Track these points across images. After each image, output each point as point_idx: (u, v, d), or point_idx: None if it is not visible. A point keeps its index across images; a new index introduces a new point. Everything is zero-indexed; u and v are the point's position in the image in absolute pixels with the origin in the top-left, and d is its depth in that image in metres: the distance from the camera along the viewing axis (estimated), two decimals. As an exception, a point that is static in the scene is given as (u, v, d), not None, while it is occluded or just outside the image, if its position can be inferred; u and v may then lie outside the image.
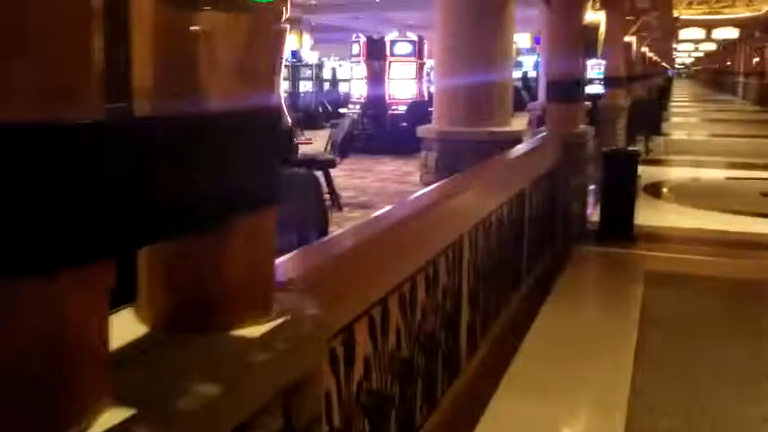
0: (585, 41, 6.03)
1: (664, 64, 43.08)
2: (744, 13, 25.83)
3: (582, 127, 6.27)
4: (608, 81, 11.34)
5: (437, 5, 5.37)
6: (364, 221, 2.60)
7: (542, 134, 6.09)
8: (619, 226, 6.09)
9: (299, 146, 8.24)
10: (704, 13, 26.80)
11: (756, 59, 28.61)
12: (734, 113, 23.65)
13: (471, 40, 5.24)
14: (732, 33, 29.83)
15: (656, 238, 6.20)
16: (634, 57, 11.81)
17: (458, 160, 5.18)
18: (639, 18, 11.04)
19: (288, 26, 1.33)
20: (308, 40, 25.97)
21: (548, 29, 6.22)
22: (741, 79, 33.72)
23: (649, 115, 14.35)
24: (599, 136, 11.66)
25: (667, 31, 23.13)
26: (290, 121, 7.18)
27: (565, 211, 5.99)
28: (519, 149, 5.27)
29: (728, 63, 40.25)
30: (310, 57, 19.42)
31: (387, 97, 12.57)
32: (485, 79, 5.34)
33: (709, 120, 21.36)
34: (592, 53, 6.11)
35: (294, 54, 20.95)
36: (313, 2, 22.69)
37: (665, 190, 8.67)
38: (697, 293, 4.70)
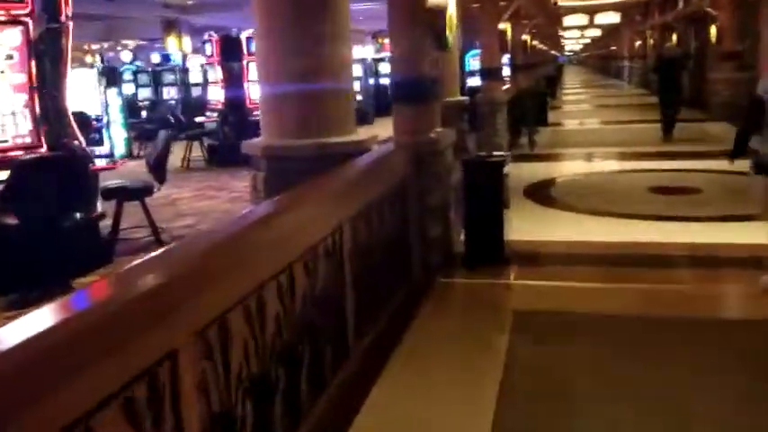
0: (432, 29, 4.96)
1: (553, 52, 43.66)
2: (623, -3, 26.06)
3: (438, 131, 5.20)
4: (484, 73, 10.48)
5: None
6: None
7: (387, 144, 4.98)
8: (487, 247, 5.07)
9: (124, 167, 6.82)
10: None
11: (638, 43, 29.05)
12: (621, 98, 23.73)
13: (290, 39, 4.11)
14: (614, 18, 30.19)
15: (530, 258, 5.21)
16: (512, 45, 10.97)
17: (289, 180, 4.05)
18: (512, 2, 10.22)
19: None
20: (188, 43, 24.12)
21: (388, 18, 5.11)
22: (626, 63, 34.36)
23: (535, 107, 13.70)
24: (478, 134, 10.84)
25: (551, 18, 22.87)
26: (82, 142, 5.76)
27: (421, 236, 4.91)
28: (357, 164, 4.17)
29: (613, 48, 41.16)
30: (179, 59, 17.75)
31: (247, 102, 11.23)
32: (315, 86, 4.22)
33: (598, 106, 21.22)
34: (440, 43, 5.04)
35: (167, 58, 19.19)
36: (189, 2, 20.99)
37: (546, 192, 7.80)
38: (575, 341, 3.69)
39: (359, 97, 17.71)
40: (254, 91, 11.24)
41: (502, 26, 10.39)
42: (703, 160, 9.24)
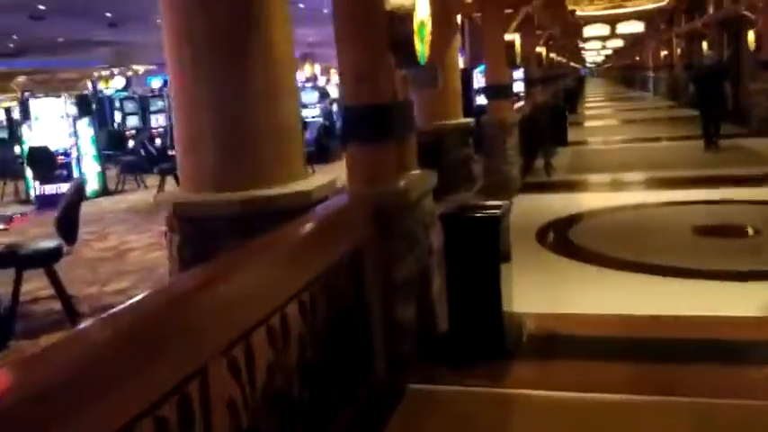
0: (396, 40, 3.63)
1: (573, 64, 42.17)
2: (647, 4, 24.58)
3: (411, 175, 3.85)
4: (489, 91, 9.13)
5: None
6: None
7: (340, 196, 3.63)
8: (479, 333, 3.69)
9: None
10: (606, 8, 25.48)
11: (664, 53, 27.47)
12: (648, 111, 22.15)
13: (208, 64, 2.98)
14: (637, 27, 28.66)
15: (540, 347, 3.81)
16: (524, 58, 9.58)
17: (209, 246, 2.99)
18: (519, 10, 8.88)
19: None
20: None
21: (335, 29, 3.79)
22: (651, 74, 32.76)
23: (552, 125, 12.30)
24: (486, 160, 9.48)
25: (568, 28, 21.50)
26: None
27: (386, 319, 3.54)
28: (296, 226, 2.93)
29: (637, 58, 39.54)
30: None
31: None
32: (243, 121, 3.06)
33: (624, 121, 19.70)
34: (407, 58, 3.69)
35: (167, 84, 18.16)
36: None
37: (563, 234, 6.38)
38: None
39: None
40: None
41: (509, 37, 9.05)
42: (754, 187, 7.77)
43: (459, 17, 9.12)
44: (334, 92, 17.50)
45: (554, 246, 5.89)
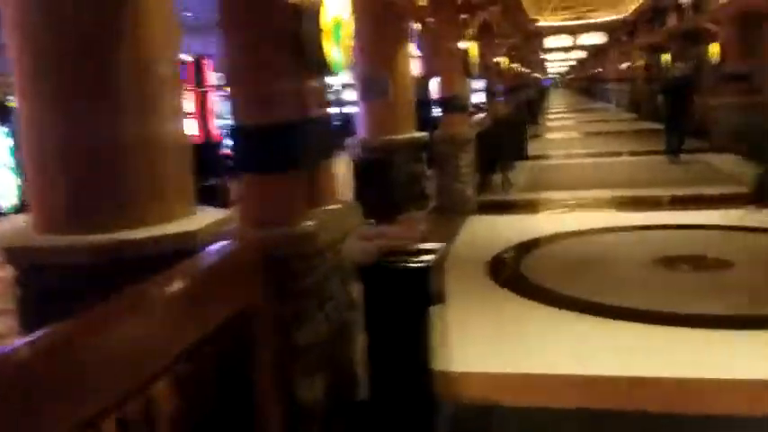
0: (297, 40, 2.93)
1: (536, 75, 42.08)
2: (608, 16, 24.41)
3: (324, 212, 3.15)
4: (443, 104, 8.50)
5: None
6: None
7: (230, 241, 2.90)
8: (405, 402, 3.01)
9: None
10: (568, 19, 25.25)
11: (626, 64, 27.37)
12: (610, 124, 21.88)
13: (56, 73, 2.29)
14: (599, 39, 28.57)
15: (482, 421, 3.14)
16: (485, 68, 8.93)
17: (55, 302, 2.29)
18: (476, 16, 8.28)
19: None
20: None
21: (219, 26, 3.07)
22: (613, 86, 32.73)
23: (512, 139, 11.75)
24: (440, 178, 8.85)
25: (531, 38, 21.13)
26: None
27: (286, 400, 2.83)
28: (166, 280, 2.23)
29: (600, 70, 39.59)
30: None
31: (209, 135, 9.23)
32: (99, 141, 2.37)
33: (585, 134, 19.35)
34: (315, 64, 2.99)
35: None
36: None
37: (516, 266, 5.75)
38: None
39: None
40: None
41: (465, 45, 8.44)
42: (718, 208, 7.27)
43: (412, 23, 8.49)
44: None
45: (505, 280, 5.24)
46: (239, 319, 2.56)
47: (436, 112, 8.81)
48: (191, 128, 9.33)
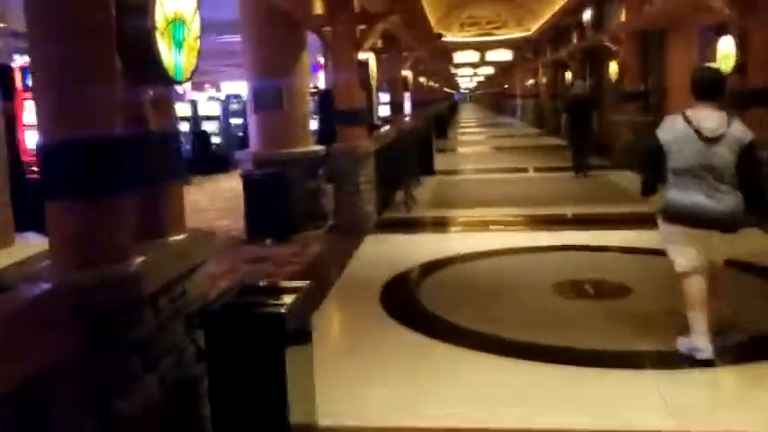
0: (122, 38, 2.37)
1: (447, 89, 42.59)
2: (515, 33, 24.85)
3: (161, 248, 2.57)
4: (340, 117, 8.05)
5: None
6: None
7: (37, 284, 2.29)
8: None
9: None
10: (476, 35, 25.54)
11: (531, 81, 27.97)
12: (516, 139, 22.13)
13: None
14: (506, 56, 29.10)
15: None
16: (373, 80, 8.51)
17: None
18: (375, 25, 7.89)
19: None
20: None
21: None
22: (519, 101, 33.46)
23: (417, 153, 11.44)
24: (338, 194, 8.38)
25: (439, 53, 21.13)
26: None
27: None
28: None
29: (506, 86, 40.50)
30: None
31: (21, 155, 8.24)
32: None
33: (493, 148, 19.43)
34: (146, 69, 2.43)
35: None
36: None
37: (412, 294, 5.32)
38: None
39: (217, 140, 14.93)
40: (29, 138, 8.28)
41: (364, 56, 8.04)
42: (619, 229, 7.16)
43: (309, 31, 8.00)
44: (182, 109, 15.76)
45: (399, 311, 4.79)
46: (36, 385, 1.97)
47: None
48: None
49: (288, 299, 2.54)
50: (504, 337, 4.14)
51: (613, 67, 13.12)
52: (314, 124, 10.36)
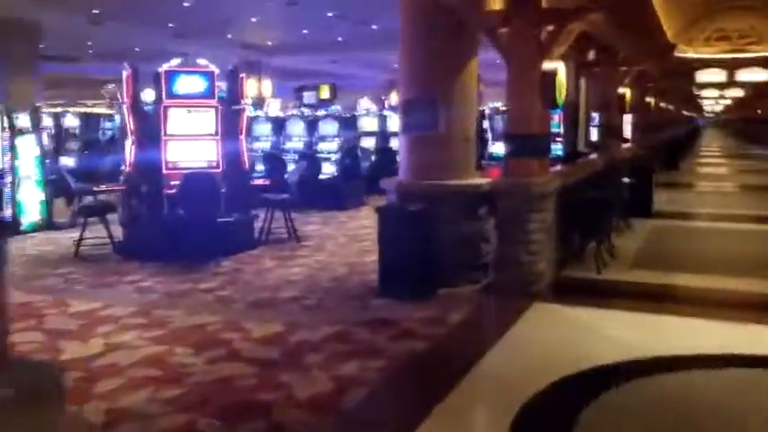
0: None
1: (685, 112, 37.68)
2: (774, 48, 20.51)
3: None
4: (510, 143, 6.20)
5: None
6: None
7: None
8: None
9: None
10: (724, 51, 21.60)
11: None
12: (772, 176, 18.04)
13: None
14: (761, 75, 24.41)
15: None
16: (561, 96, 6.27)
17: None
18: (567, 25, 5.87)
19: None
20: (268, 86, 21.39)
21: None
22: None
23: (625, 191, 9.04)
24: (500, 244, 6.36)
25: (673, 68, 17.97)
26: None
27: None
28: None
29: (758, 111, 34.58)
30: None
31: (165, 166, 7.61)
32: None
33: (740, 186, 15.82)
34: None
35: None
36: (269, 42, 18.40)
37: (567, 425, 3.29)
38: None
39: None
40: (173, 150, 7.56)
41: (549, 65, 6.06)
42: None
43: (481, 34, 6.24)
44: (370, 123, 14.78)
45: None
46: None
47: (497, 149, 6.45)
48: (208, 153, 7.63)
49: None
50: None
51: None
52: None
